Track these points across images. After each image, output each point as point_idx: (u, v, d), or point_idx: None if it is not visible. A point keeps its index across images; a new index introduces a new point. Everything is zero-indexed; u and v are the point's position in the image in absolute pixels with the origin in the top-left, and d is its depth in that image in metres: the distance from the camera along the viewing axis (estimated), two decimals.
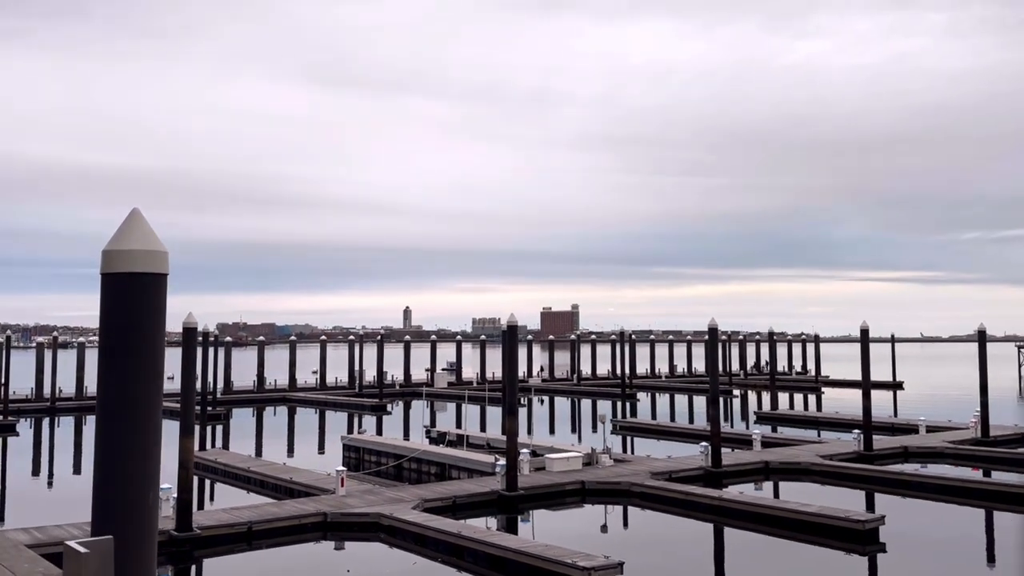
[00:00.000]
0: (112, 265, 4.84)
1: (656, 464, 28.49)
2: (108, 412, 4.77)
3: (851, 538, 20.07)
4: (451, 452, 29.23)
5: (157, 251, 4.91)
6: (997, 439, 34.72)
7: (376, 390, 61.33)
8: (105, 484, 4.74)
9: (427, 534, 19.65)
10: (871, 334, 34.23)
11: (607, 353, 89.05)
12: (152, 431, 4.82)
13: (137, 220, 4.97)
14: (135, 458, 4.74)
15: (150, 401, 4.81)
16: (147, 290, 4.84)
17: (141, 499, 4.74)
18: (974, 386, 76.79)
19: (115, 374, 4.77)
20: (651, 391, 74.16)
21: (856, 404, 56.15)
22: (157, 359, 4.85)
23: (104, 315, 4.85)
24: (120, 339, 4.78)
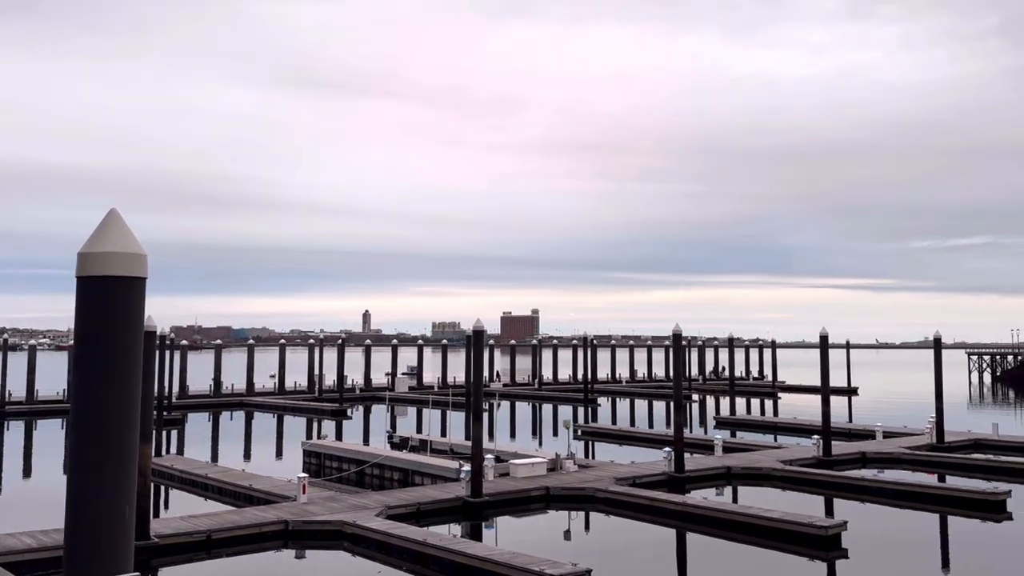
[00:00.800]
0: (88, 268, 4.63)
1: (620, 469, 28.52)
2: (83, 421, 4.55)
3: (814, 544, 20.24)
4: (414, 458, 28.97)
5: (136, 254, 4.71)
6: (951, 444, 35.38)
7: (336, 395, 60.71)
8: (79, 497, 4.53)
9: (391, 542, 19.40)
10: (833, 340, 34.69)
11: (568, 358, 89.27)
12: (129, 442, 4.61)
13: (115, 221, 4.76)
14: (111, 471, 4.53)
15: (128, 410, 4.61)
16: (125, 294, 4.64)
17: (117, 514, 4.54)
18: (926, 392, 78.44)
19: (91, 381, 4.56)
20: (612, 396, 74.46)
21: (812, 409, 57.09)
22: (135, 367, 4.65)
23: (80, 320, 4.64)
24: (96, 346, 4.57)
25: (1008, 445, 35.97)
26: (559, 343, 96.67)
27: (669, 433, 42.44)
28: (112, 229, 4.73)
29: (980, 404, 73.13)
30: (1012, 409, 68.67)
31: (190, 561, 19.33)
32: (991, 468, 30.73)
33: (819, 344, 33.94)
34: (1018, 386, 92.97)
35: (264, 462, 35.44)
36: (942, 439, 35.32)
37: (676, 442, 27.96)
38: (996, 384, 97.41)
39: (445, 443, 33.66)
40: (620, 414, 61.25)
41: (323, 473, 30.41)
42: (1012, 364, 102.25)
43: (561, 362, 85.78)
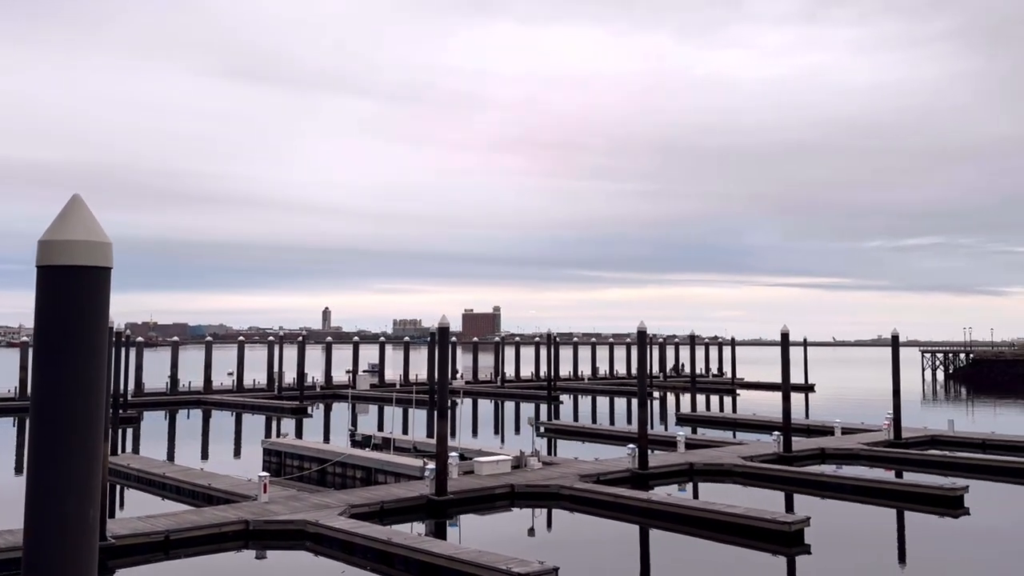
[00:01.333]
0: (49, 257, 4.37)
1: (584, 466, 28.51)
2: (44, 420, 4.29)
3: (777, 540, 20.38)
4: (378, 456, 28.66)
5: (100, 242, 4.45)
6: (909, 441, 35.96)
7: (296, 392, 59.99)
8: (39, 500, 4.26)
9: (355, 541, 19.13)
10: (792, 337, 35.02)
11: (530, 355, 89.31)
12: (93, 441, 4.36)
13: (78, 207, 4.50)
14: (74, 471, 4.27)
15: (91, 408, 4.35)
16: (89, 285, 4.37)
17: (80, 516, 4.28)
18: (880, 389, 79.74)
19: (52, 378, 4.29)
20: (574, 393, 74.61)
21: (770, 405, 57.74)
22: (99, 363, 4.40)
23: (40, 312, 4.37)
24: (58, 339, 4.31)
25: (964, 441, 36.66)
26: (521, 340, 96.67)
27: (632, 430, 42.64)
28: (75, 216, 4.47)
29: (934, 401, 74.61)
30: (964, 406, 70.12)
31: (148, 562, 18.87)
32: (948, 464, 31.27)
33: (780, 342, 34.21)
34: (970, 383, 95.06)
35: (223, 461, 34.84)
36: (899, 435, 35.87)
37: (640, 439, 28.02)
38: (949, 381, 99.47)
39: (408, 441, 33.38)
40: (582, 411, 61.40)
41: (284, 472, 29.96)
42: (964, 362, 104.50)
43: (524, 360, 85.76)
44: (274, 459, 31.71)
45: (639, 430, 28.26)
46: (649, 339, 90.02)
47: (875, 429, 38.59)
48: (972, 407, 68.56)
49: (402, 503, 23.25)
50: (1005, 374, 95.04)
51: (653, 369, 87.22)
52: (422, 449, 31.92)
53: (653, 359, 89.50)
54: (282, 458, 31.47)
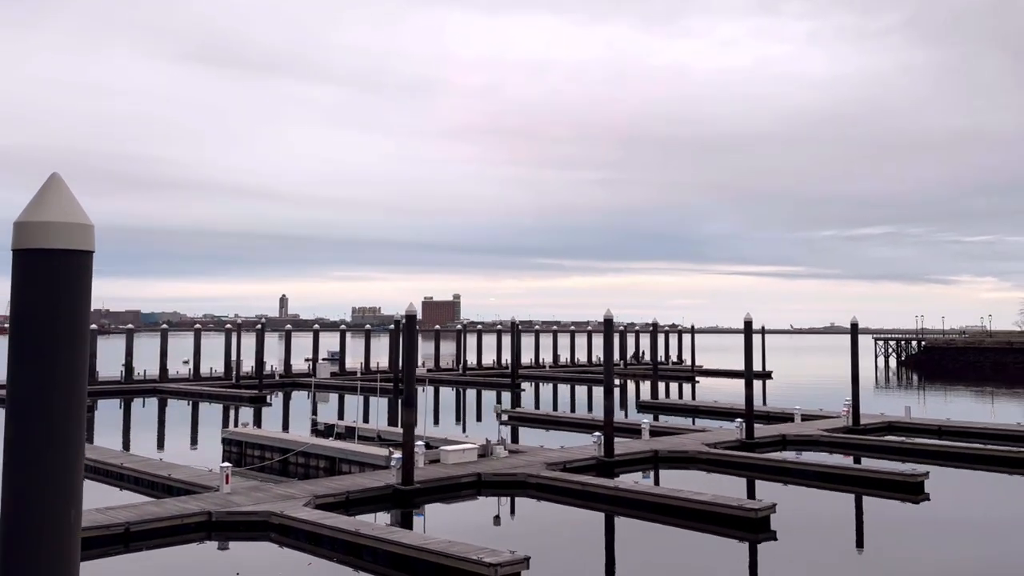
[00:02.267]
0: (27, 239, 4.06)
1: (550, 455, 28.47)
2: (21, 415, 4.00)
3: (743, 526, 20.51)
4: (342, 445, 28.29)
5: (81, 223, 4.16)
6: (867, 427, 36.53)
7: (255, 381, 59.17)
8: (17, 499, 3.98)
9: (322, 532, 18.82)
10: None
11: (490, 343, 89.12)
12: (74, 437, 4.08)
13: (57, 187, 4.20)
14: (54, 469, 4.00)
15: (71, 402, 4.07)
16: (69, 270, 4.09)
17: (60, 517, 4.01)
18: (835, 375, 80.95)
19: (30, 370, 4.01)
20: (535, 381, 74.68)
21: (730, 392, 58.40)
22: (80, 352, 4.12)
23: (16, 300, 4.07)
24: (36, 328, 4.02)
25: (920, 427, 37.34)
26: (483, 328, 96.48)
27: (595, 417, 42.75)
28: (54, 196, 4.17)
29: (886, 387, 76.08)
30: (916, 392, 71.62)
31: (108, 555, 18.38)
32: (907, 450, 31.81)
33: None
34: (921, 370, 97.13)
35: (180, 451, 34.20)
36: (858, 422, 36.42)
37: (607, 426, 28.04)
38: (901, 368, 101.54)
39: (372, 430, 33.05)
40: (544, 399, 61.48)
41: (245, 462, 29.47)
42: (916, 349, 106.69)
43: (485, 348, 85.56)
44: (235, 449, 31.18)
45: (605, 418, 28.28)
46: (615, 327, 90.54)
47: (834, 416, 39.14)
48: (924, 394, 70.03)
49: (368, 493, 22.98)
50: (956, 361, 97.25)
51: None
52: (386, 438, 31.64)
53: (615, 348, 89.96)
54: (243, 448, 30.95)
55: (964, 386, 76.75)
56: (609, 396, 28.49)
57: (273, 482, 24.79)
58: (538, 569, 16.45)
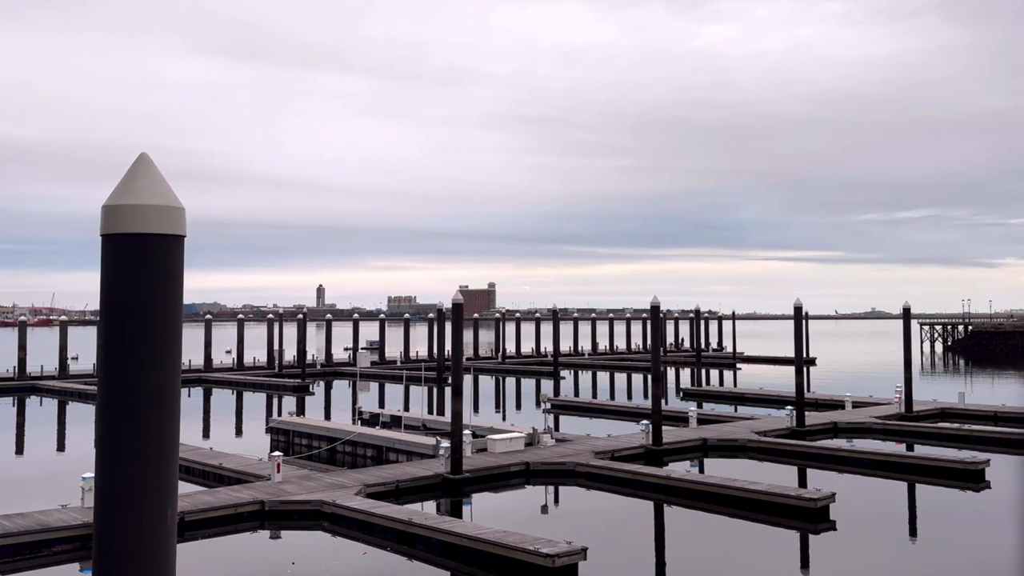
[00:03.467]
0: (116, 224, 3.84)
1: (597, 443, 28.16)
2: (113, 409, 3.79)
3: (801, 516, 20.05)
4: (389, 434, 28.22)
5: (173, 207, 3.93)
6: (920, 413, 35.71)
7: (297, 370, 59.53)
8: (111, 499, 3.77)
9: (374, 521, 18.73)
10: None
11: (528, 331, 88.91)
12: (170, 431, 3.86)
13: (146, 168, 3.97)
14: (148, 465, 3.78)
15: (166, 394, 3.85)
16: (162, 255, 3.86)
17: (157, 519, 3.80)
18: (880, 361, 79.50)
19: (122, 361, 3.79)
20: (575, 368, 74.33)
21: (771, 379, 57.65)
22: (175, 341, 3.89)
23: (106, 286, 3.86)
24: (128, 317, 3.80)
25: (974, 414, 36.41)
26: (522, 316, 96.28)
27: (639, 405, 42.35)
28: (143, 177, 3.93)
29: (933, 373, 74.58)
30: (963, 377, 70.13)
31: None
32: (963, 437, 31.03)
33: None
34: (968, 355, 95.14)
35: (224, 439, 34.42)
36: (911, 408, 35.62)
37: (654, 414, 27.65)
38: (947, 354, 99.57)
39: (417, 418, 32.98)
40: (583, 386, 61.11)
41: (292, 451, 29.55)
42: (963, 334, 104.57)
43: (523, 336, 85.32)
44: (282, 438, 31.28)
45: (653, 406, 27.89)
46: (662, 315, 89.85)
47: (885, 402, 38.33)
48: (972, 379, 68.52)
49: (418, 482, 22.86)
50: (1004, 346, 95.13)
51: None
52: (431, 427, 31.55)
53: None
54: (290, 437, 31.04)
55: (1014, 371, 75.00)
56: (657, 384, 28.10)
57: (322, 471, 24.79)
58: (595, 560, 16.19)
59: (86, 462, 30.24)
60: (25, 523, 17.53)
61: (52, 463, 32.37)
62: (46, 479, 28.47)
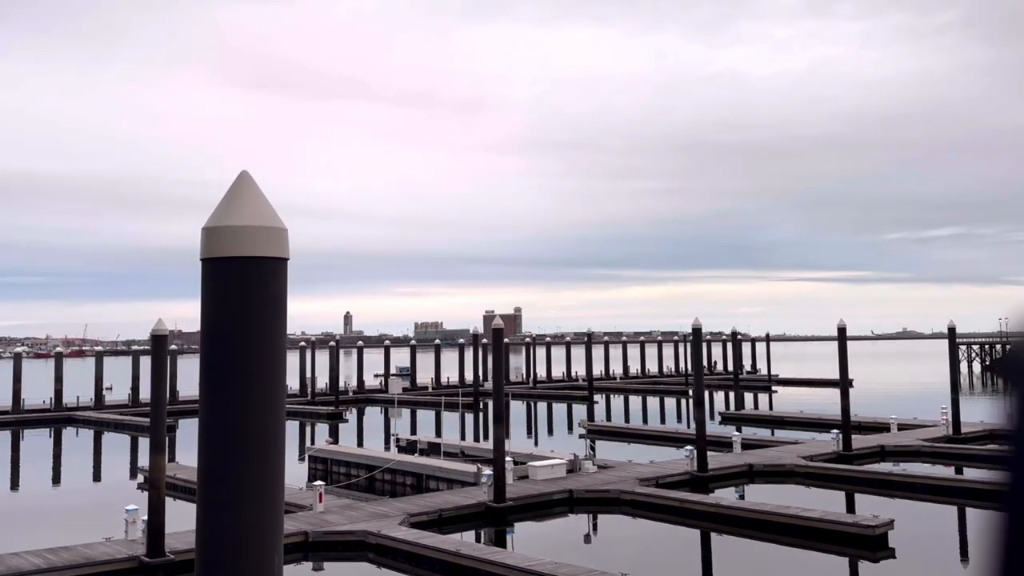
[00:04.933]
0: (217, 247, 3.58)
1: (641, 470, 27.60)
2: (216, 443, 3.51)
3: (860, 544, 19.40)
4: (429, 462, 27.84)
5: (276, 227, 3.67)
6: (968, 436, 34.77)
7: (331, 397, 59.43)
8: (213, 544, 3.48)
9: (420, 552, 18.36)
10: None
11: (556, 355, 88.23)
12: (275, 470, 3.57)
13: (247, 186, 3.72)
14: (254, 502, 3.48)
15: (271, 426, 3.56)
16: (264, 279, 3.59)
17: (262, 566, 3.49)
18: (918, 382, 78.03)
19: (225, 392, 3.51)
20: (606, 392, 73.61)
21: (808, 402, 56.66)
22: (278, 370, 3.61)
23: (208, 313, 3.59)
24: (231, 345, 3.52)
25: None
26: (552, 340, 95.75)
27: (678, 430, 41.73)
28: (245, 197, 3.68)
29: (971, 393, 72.99)
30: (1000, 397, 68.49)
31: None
32: None
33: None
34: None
35: None
36: (959, 430, 34.70)
37: (699, 440, 27.09)
38: (986, 373, 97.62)
39: (456, 445, 32.60)
40: (615, 411, 60.44)
41: (330, 479, 29.23)
42: (1000, 353, 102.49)
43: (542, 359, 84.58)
44: (320, 466, 31.00)
45: (697, 431, 27.33)
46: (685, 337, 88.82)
47: (931, 424, 37.39)
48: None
49: (461, 511, 22.46)
50: None
51: (685, 368, 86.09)
52: (470, 454, 31.16)
53: (683, 358, 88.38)
54: (328, 465, 30.75)
55: None
56: (700, 408, 27.56)
57: (362, 500, 24.47)
58: None
59: (123, 492, 30.33)
60: (70, 557, 17.34)
61: (90, 493, 32.35)
62: (85, 510, 28.40)
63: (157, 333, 18.81)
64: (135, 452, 41.80)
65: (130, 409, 57.08)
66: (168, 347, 19.30)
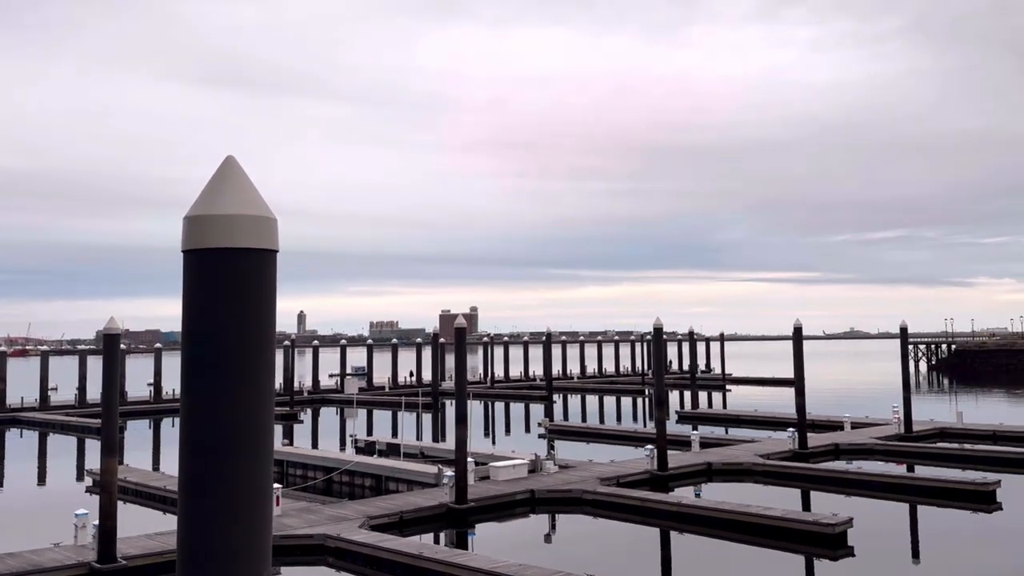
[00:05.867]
0: (200, 237, 3.29)
1: (602, 469, 27.56)
2: (201, 449, 3.24)
3: (819, 542, 19.56)
4: (389, 463, 27.46)
5: (264, 217, 3.40)
6: (919, 434, 35.41)
7: (285, 398, 58.52)
8: (196, 555, 3.21)
9: (381, 556, 18.02)
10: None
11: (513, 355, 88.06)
12: (263, 477, 3.31)
13: (233, 173, 3.43)
14: (239, 514, 3.22)
15: (259, 430, 3.29)
16: (252, 273, 3.32)
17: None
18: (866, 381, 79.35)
19: (211, 395, 3.24)
20: (563, 392, 73.67)
21: (762, 401, 57.35)
22: (267, 369, 3.33)
23: (189, 309, 3.31)
24: (214, 343, 3.25)
25: (973, 433, 36.16)
26: (509, 340, 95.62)
27: (638, 429, 41.87)
28: (230, 184, 3.41)
29: (919, 392, 74.52)
30: (948, 396, 70.19)
31: None
32: (965, 457, 30.72)
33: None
34: (953, 374, 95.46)
35: None
36: (910, 429, 35.31)
37: (659, 439, 27.13)
38: (931, 372, 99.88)
39: (415, 446, 32.25)
40: (573, 410, 60.51)
41: (287, 482, 28.71)
42: (946, 353, 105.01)
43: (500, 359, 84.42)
44: (275, 468, 30.36)
45: (658, 430, 27.37)
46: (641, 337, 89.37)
47: (883, 422, 38.02)
48: (957, 398, 68.56)
49: (422, 512, 22.16)
50: (988, 364, 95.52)
51: (642, 367, 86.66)
52: (430, 454, 30.85)
53: (638, 356, 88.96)
54: (283, 467, 30.20)
55: (1000, 389, 75.18)
56: (660, 408, 27.60)
57: (320, 502, 24.03)
58: None
59: (70, 495, 29.40)
60: (16, 564, 16.69)
61: (36, 497, 31.35)
62: (31, 514, 27.51)
63: (109, 332, 18.18)
64: (81, 454, 40.66)
65: (76, 410, 55.54)
66: (119, 347, 18.66)
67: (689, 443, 31.83)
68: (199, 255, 3.30)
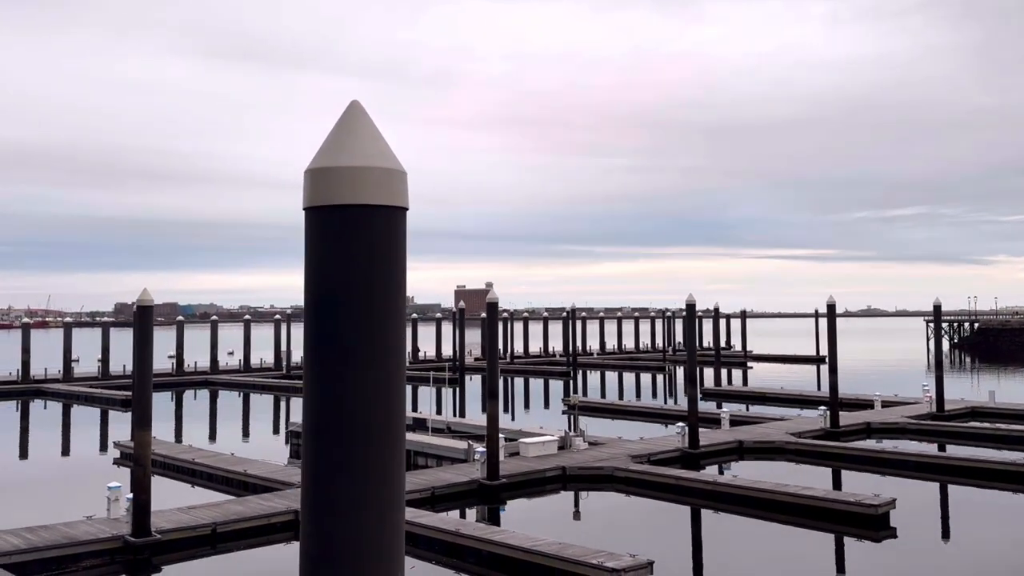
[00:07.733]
0: (326, 193, 2.90)
1: (632, 446, 27.27)
2: (329, 431, 2.87)
3: (862, 523, 19.19)
4: (418, 438, 27.26)
5: (394, 170, 3.01)
6: (951, 413, 34.91)
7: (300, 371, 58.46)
8: (323, 549, 2.86)
9: (417, 532, 17.78)
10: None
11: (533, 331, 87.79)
12: (397, 455, 2.94)
13: (360, 121, 3.04)
14: (372, 503, 2.85)
15: (393, 407, 2.92)
16: (383, 233, 2.94)
17: (385, 573, 2.87)
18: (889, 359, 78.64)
19: (339, 368, 2.86)
20: (584, 368, 73.46)
21: (784, 378, 56.93)
22: (399, 339, 2.94)
23: (315, 273, 2.94)
24: (346, 311, 2.87)
25: (1006, 413, 35.60)
26: (530, 316, 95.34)
27: (663, 406, 41.55)
28: (355, 133, 3.01)
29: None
30: (971, 375, 69.51)
31: (195, 557, 17.56)
32: (999, 437, 30.22)
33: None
34: (975, 352, 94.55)
35: (233, 443, 33.52)
36: (943, 408, 34.81)
37: (691, 416, 26.78)
38: (954, 351, 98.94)
39: (442, 421, 32.05)
40: (593, 386, 60.25)
41: None
42: (969, 331, 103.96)
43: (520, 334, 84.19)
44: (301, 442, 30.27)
45: (690, 407, 27.00)
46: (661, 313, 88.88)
47: (914, 401, 37.52)
48: (980, 376, 67.87)
49: (453, 488, 21.96)
50: (1011, 343, 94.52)
51: (661, 344, 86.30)
52: (456, 429, 30.64)
53: (659, 334, 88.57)
54: None
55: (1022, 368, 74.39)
56: (693, 385, 27.23)
57: None
58: (661, 573, 15.29)
59: (95, 467, 29.43)
60: (51, 536, 16.57)
61: (61, 468, 31.41)
62: (58, 486, 27.54)
63: (143, 304, 17.95)
64: (105, 425, 40.79)
65: (100, 381, 55.78)
66: (152, 319, 18.43)
67: (718, 421, 31.47)
68: (323, 212, 2.92)
